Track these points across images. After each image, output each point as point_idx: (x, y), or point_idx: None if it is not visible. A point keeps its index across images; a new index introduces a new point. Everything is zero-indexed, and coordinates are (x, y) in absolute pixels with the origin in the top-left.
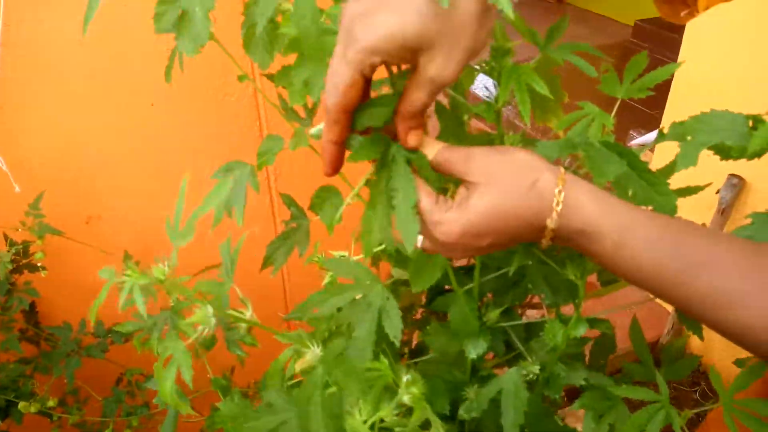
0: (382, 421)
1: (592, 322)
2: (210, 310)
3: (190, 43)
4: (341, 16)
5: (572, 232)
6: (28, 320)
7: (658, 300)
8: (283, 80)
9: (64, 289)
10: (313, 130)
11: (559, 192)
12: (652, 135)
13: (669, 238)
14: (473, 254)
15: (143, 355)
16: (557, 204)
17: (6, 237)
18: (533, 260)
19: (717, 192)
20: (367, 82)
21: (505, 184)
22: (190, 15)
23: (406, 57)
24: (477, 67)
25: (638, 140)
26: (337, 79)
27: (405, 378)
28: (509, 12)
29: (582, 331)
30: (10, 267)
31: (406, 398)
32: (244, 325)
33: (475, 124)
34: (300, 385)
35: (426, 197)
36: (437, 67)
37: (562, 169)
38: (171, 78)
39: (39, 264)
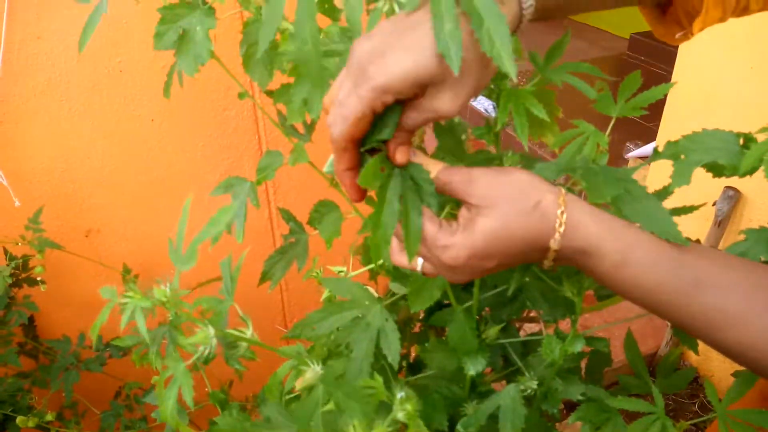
0: None
1: (590, 341)
2: (211, 330)
3: (190, 61)
4: (352, 51)
5: (574, 252)
6: (27, 334)
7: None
8: (283, 98)
9: (63, 302)
10: (325, 167)
11: (561, 213)
12: (649, 147)
13: (669, 257)
14: (477, 276)
15: (141, 369)
16: (560, 225)
17: (6, 251)
18: (531, 277)
19: (713, 204)
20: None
21: (509, 207)
22: (190, 35)
23: (416, 93)
24: None
25: (635, 153)
26: (347, 112)
27: (399, 395)
28: (513, 76)
29: (579, 347)
30: (9, 281)
31: (400, 415)
32: (244, 344)
33: (474, 141)
34: (298, 399)
35: (429, 222)
36: (443, 102)
37: (563, 190)
38: (170, 94)
39: (38, 278)
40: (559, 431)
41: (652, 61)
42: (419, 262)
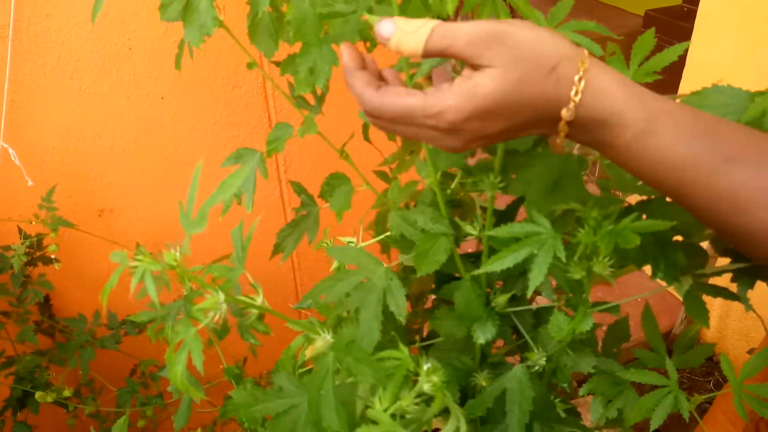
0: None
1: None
2: (221, 296)
3: (195, 32)
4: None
5: (591, 123)
6: (43, 312)
7: (670, 289)
8: (289, 68)
9: (77, 281)
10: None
11: (579, 80)
12: None
13: (701, 128)
14: (476, 143)
15: (156, 347)
16: (576, 93)
17: (20, 230)
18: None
19: None
20: None
21: (522, 68)
22: (194, 4)
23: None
24: None
25: None
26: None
27: (425, 366)
28: None
29: (588, 325)
30: (24, 260)
31: (426, 387)
32: (255, 311)
33: None
34: (311, 372)
35: (410, 97)
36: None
37: (585, 52)
38: (180, 66)
39: (53, 256)
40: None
41: (668, 38)
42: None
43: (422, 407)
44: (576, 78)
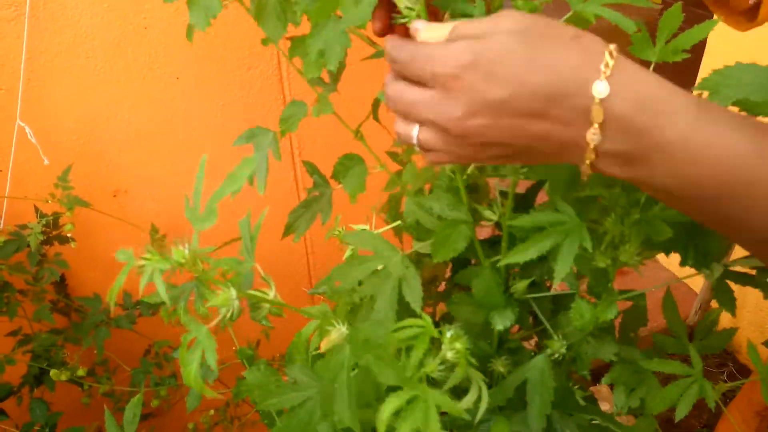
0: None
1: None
2: (233, 292)
3: (201, 15)
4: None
5: (630, 107)
6: (59, 292)
7: (685, 280)
8: (298, 51)
9: (92, 262)
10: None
11: (610, 54)
12: None
13: (753, 119)
14: (474, 108)
15: (170, 328)
16: (606, 66)
17: (36, 209)
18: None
19: None
20: None
21: (542, 27)
22: None
23: None
24: None
25: None
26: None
27: (448, 333)
28: None
29: (612, 314)
30: (41, 238)
31: (450, 354)
32: (267, 306)
33: None
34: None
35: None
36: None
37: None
38: (192, 38)
39: (69, 235)
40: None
41: (688, 27)
42: (414, 133)
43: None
44: (606, 52)
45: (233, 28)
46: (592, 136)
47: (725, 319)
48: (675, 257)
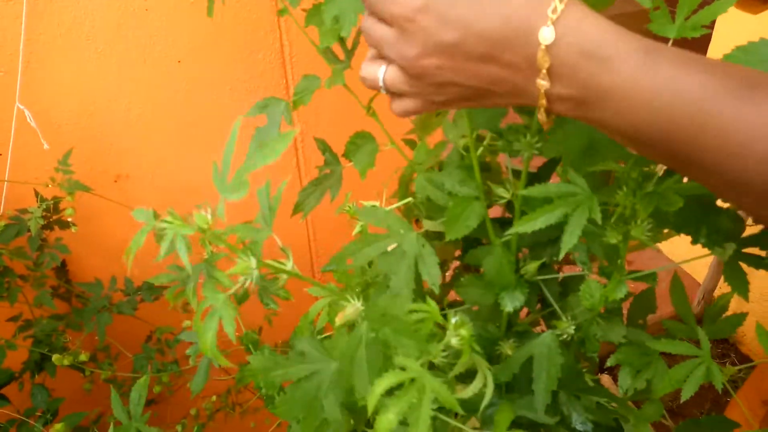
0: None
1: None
2: (253, 261)
3: None
4: None
5: (578, 54)
6: (60, 277)
7: (688, 270)
8: (314, 19)
9: (93, 247)
10: None
11: None
12: None
13: (710, 61)
14: (428, 52)
15: (172, 314)
16: (554, 11)
17: (36, 193)
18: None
19: None
20: None
21: None
22: None
23: None
24: None
25: None
26: None
27: (453, 320)
28: None
29: (622, 293)
30: (41, 223)
31: (454, 341)
32: (285, 276)
33: None
34: (329, 339)
35: None
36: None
37: None
38: (213, 13)
39: (69, 220)
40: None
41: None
42: (380, 74)
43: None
44: None
45: (236, 12)
46: (541, 81)
47: (730, 308)
48: (678, 245)
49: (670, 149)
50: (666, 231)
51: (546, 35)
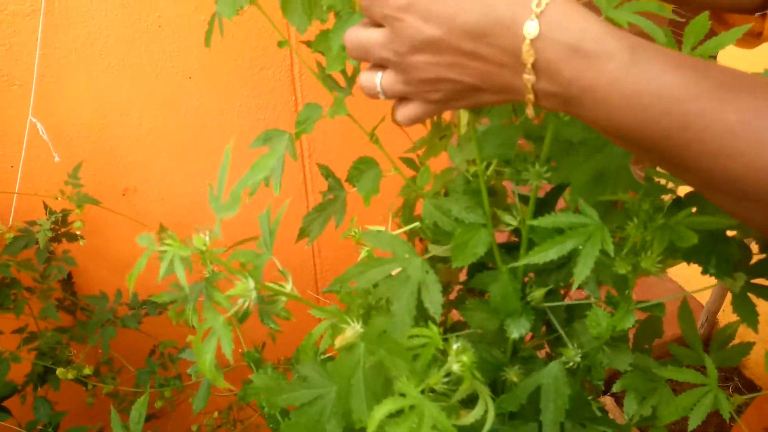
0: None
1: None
2: (251, 283)
3: (229, 3)
4: None
5: (563, 50)
6: (65, 289)
7: (693, 294)
8: (321, 46)
9: (100, 260)
10: None
11: None
12: None
13: (691, 60)
14: (419, 46)
15: (176, 329)
16: (538, 4)
17: (45, 205)
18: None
19: None
20: None
21: None
22: None
23: None
24: None
25: None
26: None
27: (455, 346)
28: None
29: (630, 323)
30: (50, 235)
31: (455, 367)
32: (284, 299)
33: None
34: (334, 360)
35: None
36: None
37: None
38: (210, 43)
39: (77, 233)
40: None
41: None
42: (377, 80)
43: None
44: None
45: (246, 28)
46: (527, 76)
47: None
48: (683, 266)
49: (654, 148)
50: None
51: (530, 29)
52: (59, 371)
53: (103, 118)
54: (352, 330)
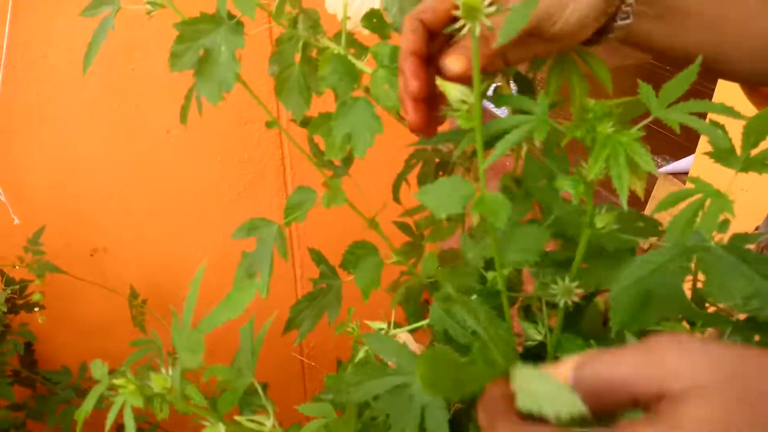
0: None
1: None
2: (222, 428)
3: (213, 88)
4: None
5: None
6: (24, 361)
7: None
8: (320, 129)
9: (64, 327)
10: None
11: None
12: (683, 163)
13: None
14: None
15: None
16: None
17: (2, 273)
18: None
19: (755, 229)
20: None
21: (726, 389)
22: (213, 56)
23: None
24: (561, 127)
25: (667, 168)
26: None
27: None
28: None
29: None
30: (4, 309)
31: None
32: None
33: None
34: None
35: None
36: None
37: None
38: (187, 120)
39: (36, 307)
40: None
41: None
42: None
43: None
44: None
45: None
46: None
47: None
48: None
49: None
50: None
51: None
52: None
53: (70, 175)
54: None
